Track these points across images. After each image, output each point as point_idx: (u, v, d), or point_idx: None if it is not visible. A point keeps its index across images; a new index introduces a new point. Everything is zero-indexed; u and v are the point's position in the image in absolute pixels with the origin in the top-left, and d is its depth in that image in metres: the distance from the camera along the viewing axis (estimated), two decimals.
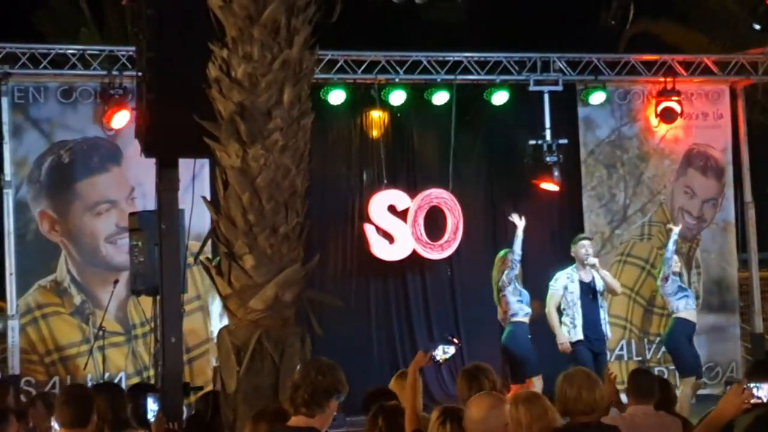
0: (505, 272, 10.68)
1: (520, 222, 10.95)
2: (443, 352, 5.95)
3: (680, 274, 11.25)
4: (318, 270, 11.42)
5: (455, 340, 8.87)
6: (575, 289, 10.58)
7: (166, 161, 7.13)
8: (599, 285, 10.65)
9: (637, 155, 13.17)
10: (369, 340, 12.34)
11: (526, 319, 10.75)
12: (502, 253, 10.95)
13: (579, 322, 10.47)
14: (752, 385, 3.76)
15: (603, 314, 10.67)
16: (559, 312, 10.66)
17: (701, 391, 12.62)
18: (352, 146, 12.57)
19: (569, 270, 10.71)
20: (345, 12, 10.27)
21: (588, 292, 10.59)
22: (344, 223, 12.43)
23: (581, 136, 13.02)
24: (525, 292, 10.80)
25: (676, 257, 11.21)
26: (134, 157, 8.93)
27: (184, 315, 8.74)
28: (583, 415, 5.06)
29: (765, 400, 3.76)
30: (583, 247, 10.71)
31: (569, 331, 10.51)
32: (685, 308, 10.90)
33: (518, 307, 10.69)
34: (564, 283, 10.61)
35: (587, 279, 10.65)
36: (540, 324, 10.88)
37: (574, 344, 10.47)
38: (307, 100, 6.43)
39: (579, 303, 10.52)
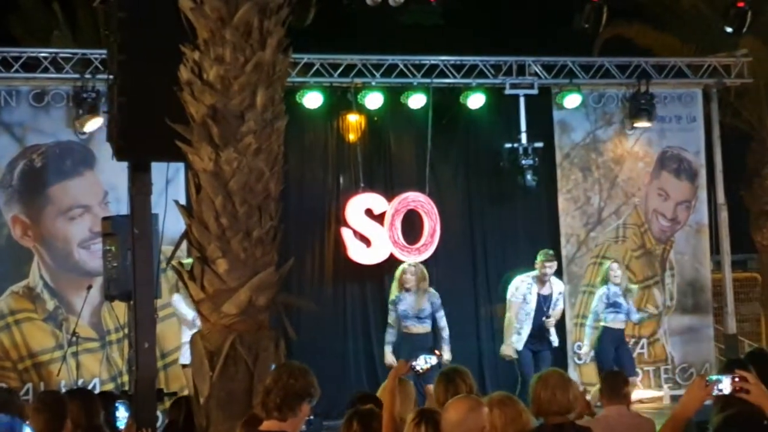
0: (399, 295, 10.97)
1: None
2: (425, 362, 5.93)
3: (626, 288, 11.72)
4: (295, 274, 11.48)
5: (437, 352, 8.90)
6: (532, 301, 10.90)
7: (139, 165, 7.11)
8: (554, 301, 10.99)
9: (611, 158, 13.21)
10: (346, 344, 12.30)
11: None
12: (400, 269, 11.12)
13: (525, 333, 10.82)
14: (714, 378, 3.77)
15: (551, 332, 11.03)
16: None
17: (675, 392, 12.71)
18: (328, 150, 12.53)
19: (528, 279, 10.94)
20: (320, 15, 10.27)
21: (543, 305, 10.88)
22: (321, 226, 12.39)
23: (556, 139, 13.04)
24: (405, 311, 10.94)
25: (616, 268, 11.77)
26: (107, 161, 8.87)
27: (159, 320, 8.72)
28: (557, 415, 5.07)
29: (726, 393, 3.78)
30: (545, 267, 11.00)
31: (513, 336, 10.87)
32: (613, 320, 11.55)
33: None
34: (524, 293, 10.90)
35: (545, 292, 10.91)
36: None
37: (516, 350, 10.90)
38: (280, 103, 6.40)
39: (532, 315, 10.85)
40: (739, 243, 15.14)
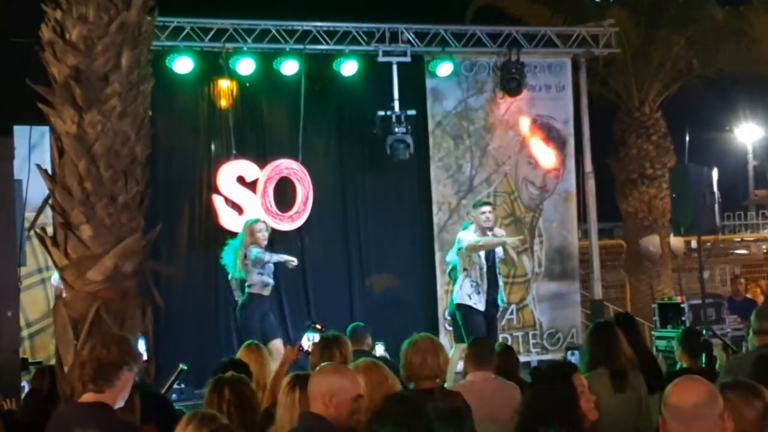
0: (253, 247, 10.45)
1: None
2: (307, 340, 5.96)
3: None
4: (165, 241, 11.32)
5: (319, 326, 8.82)
6: (480, 253, 10.18)
7: (1, 129, 6.88)
8: (499, 251, 10.28)
9: (483, 126, 13.38)
10: (217, 312, 12.17)
11: (264, 292, 10.49)
12: (249, 221, 10.75)
13: (484, 289, 10.09)
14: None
15: (500, 281, 10.41)
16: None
17: (543, 356, 13.02)
18: (199, 116, 12.34)
19: (470, 233, 10.26)
20: None
21: (488, 258, 10.23)
22: (192, 193, 12.21)
23: (429, 108, 13.13)
24: (271, 266, 10.54)
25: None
26: None
27: (22, 288, 8.48)
28: (428, 380, 5.15)
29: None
30: (483, 213, 10.28)
31: (471, 295, 10.08)
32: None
33: (258, 279, 10.48)
34: (471, 240, 10.12)
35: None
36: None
37: (471, 310, 10.03)
38: (147, 65, 6.27)
39: (485, 269, 10.12)
40: (605, 211, 15.57)
